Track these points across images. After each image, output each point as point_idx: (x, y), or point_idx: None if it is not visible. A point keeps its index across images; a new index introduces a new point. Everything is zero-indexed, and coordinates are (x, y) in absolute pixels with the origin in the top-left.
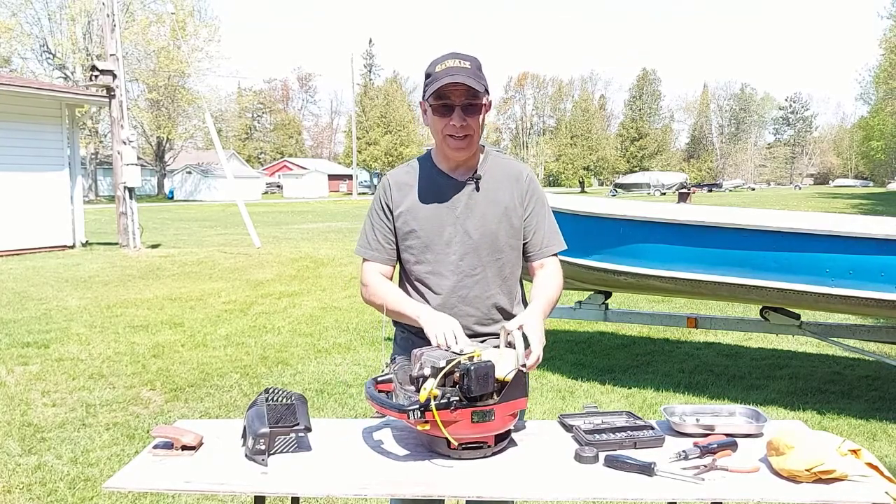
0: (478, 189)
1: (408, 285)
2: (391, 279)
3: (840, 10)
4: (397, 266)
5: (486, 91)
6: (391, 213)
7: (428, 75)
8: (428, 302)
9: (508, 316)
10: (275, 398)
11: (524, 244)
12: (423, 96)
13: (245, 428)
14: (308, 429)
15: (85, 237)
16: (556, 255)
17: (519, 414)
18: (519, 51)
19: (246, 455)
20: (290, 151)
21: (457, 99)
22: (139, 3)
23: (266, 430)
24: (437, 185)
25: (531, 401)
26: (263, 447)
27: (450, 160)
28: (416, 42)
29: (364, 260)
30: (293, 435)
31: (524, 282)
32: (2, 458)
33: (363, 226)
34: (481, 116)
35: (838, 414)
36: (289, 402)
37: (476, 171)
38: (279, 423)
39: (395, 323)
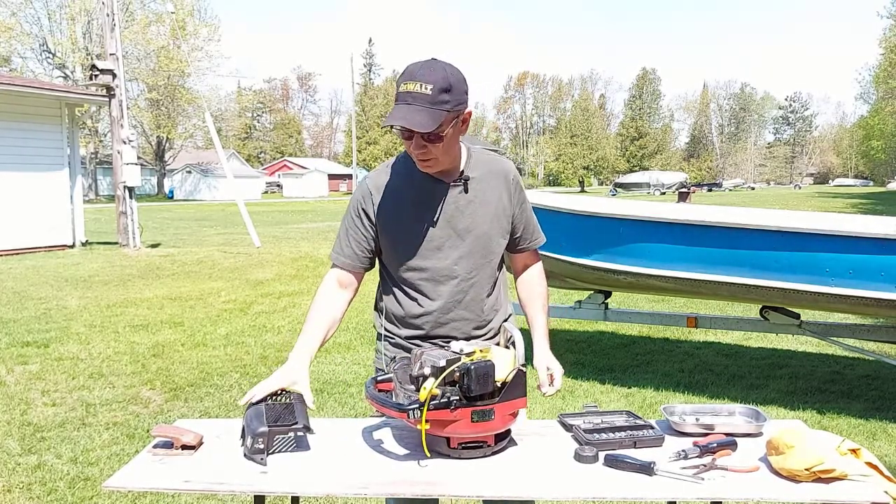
0: (466, 190)
1: (398, 293)
2: (358, 286)
3: (840, 10)
4: (369, 274)
5: (455, 109)
6: (369, 219)
7: (397, 87)
8: (423, 308)
9: (496, 313)
10: (274, 398)
11: (513, 238)
12: None
13: (244, 427)
14: (307, 428)
15: (85, 237)
16: (538, 253)
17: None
18: (519, 50)
19: (245, 454)
20: (290, 151)
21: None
22: (139, 2)
23: (264, 429)
24: (423, 187)
25: (531, 400)
26: (262, 446)
27: None
28: (416, 42)
29: (332, 265)
30: (292, 434)
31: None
32: (2, 457)
33: (339, 230)
34: (446, 139)
35: (838, 413)
36: (287, 401)
37: (463, 173)
38: (277, 422)
39: (381, 337)
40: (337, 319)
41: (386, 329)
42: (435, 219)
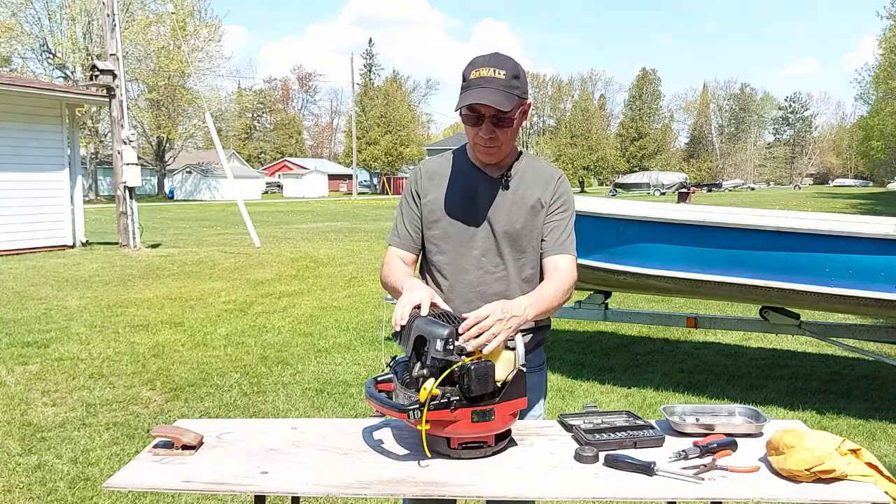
0: (507, 187)
1: (427, 276)
2: (416, 265)
3: (840, 10)
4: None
5: (522, 97)
6: (419, 199)
7: (464, 78)
8: (445, 294)
9: None
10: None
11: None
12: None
13: (417, 337)
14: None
15: (85, 237)
16: (569, 255)
17: (520, 413)
18: (519, 51)
19: (436, 359)
20: (290, 151)
21: (486, 111)
22: (139, 2)
23: (448, 329)
24: (469, 178)
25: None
26: (451, 347)
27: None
28: (417, 42)
29: (389, 245)
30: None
31: None
32: (2, 457)
33: (395, 214)
34: (514, 126)
35: (838, 414)
36: (438, 311)
37: (509, 170)
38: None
39: None
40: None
41: None
42: (473, 209)
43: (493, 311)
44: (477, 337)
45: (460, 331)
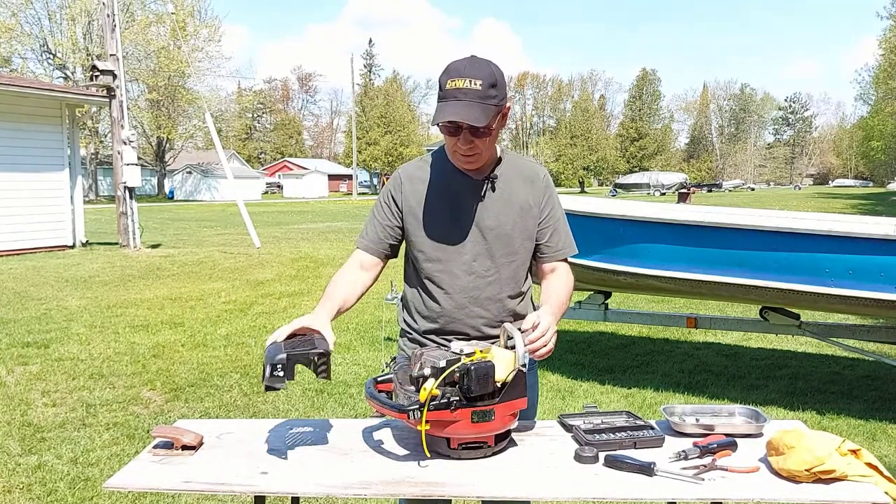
0: (493, 189)
1: (417, 284)
2: (379, 272)
3: (840, 10)
4: (399, 263)
5: (500, 104)
6: (398, 207)
7: (440, 87)
8: (438, 301)
9: (518, 317)
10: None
11: (538, 245)
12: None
13: (264, 365)
14: (327, 353)
15: (85, 237)
16: (567, 259)
17: (520, 414)
18: (519, 51)
19: (266, 386)
20: (291, 151)
21: (463, 124)
22: (139, 3)
23: (283, 355)
24: (452, 182)
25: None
26: (281, 374)
27: None
28: (416, 42)
29: (356, 248)
30: (315, 360)
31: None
32: (2, 457)
33: (368, 216)
34: (493, 133)
35: (838, 414)
36: (307, 337)
37: (492, 171)
38: (296, 348)
39: (402, 333)
40: (354, 295)
41: (405, 322)
42: (459, 213)
43: (550, 324)
44: (539, 346)
45: (526, 336)
